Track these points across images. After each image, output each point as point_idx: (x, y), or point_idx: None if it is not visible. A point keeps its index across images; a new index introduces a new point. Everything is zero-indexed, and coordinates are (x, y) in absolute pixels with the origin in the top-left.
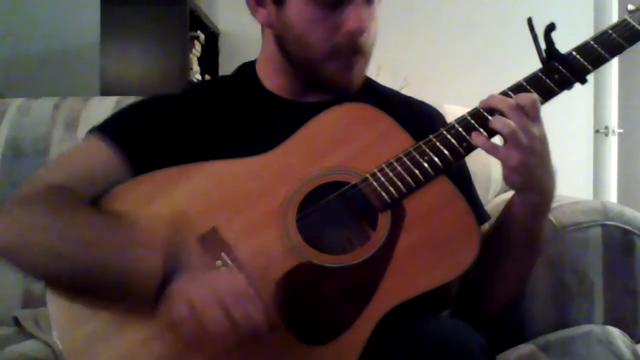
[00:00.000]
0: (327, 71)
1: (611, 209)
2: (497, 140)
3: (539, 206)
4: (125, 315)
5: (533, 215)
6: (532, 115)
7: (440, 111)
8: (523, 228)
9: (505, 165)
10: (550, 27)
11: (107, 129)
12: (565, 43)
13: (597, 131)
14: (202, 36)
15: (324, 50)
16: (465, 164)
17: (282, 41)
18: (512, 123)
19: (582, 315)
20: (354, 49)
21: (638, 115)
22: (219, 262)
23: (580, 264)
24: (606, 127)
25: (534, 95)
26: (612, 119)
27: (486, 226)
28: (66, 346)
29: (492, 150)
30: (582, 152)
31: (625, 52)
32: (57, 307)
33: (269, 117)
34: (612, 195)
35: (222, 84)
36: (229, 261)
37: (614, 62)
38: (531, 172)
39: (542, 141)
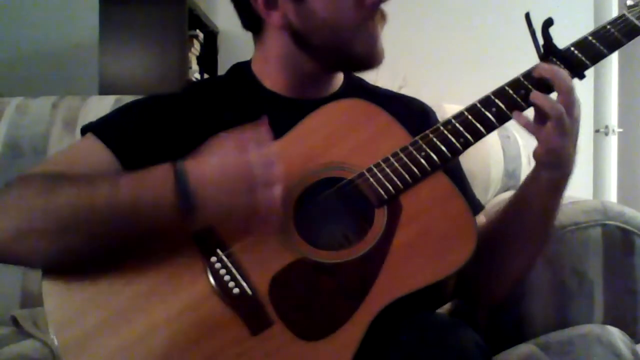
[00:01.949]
0: (357, 47)
1: (611, 209)
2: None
3: (561, 181)
4: (123, 311)
5: (554, 190)
6: (573, 99)
7: (440, 111)
8: (541, 203)
9: (543, 146)
10: (548, 23)
11: (103, 130)
12: (565, 39)
13: (597, 130)
14: (201, 35)
15: (352, 26)
16: None
17: (302, 36)
18: (561, 107)
19: (582, 315)
20: (377, 15)
21: (638, 115)
22: (214, 259)
23: (580, 264)
24: (606, 127)
25: (570, 82)
26: (612, 118)
27: (481, 216)
28: (62, 344)
29: (535, 130)
30: (582, 151)
31: (625, 51)
32: (53, 304)
33: (272, 116)
34: (612, 195)
35: (220, 85)
36: (224, 257)
37: (614, 61)
38: (565, 152)
39: (579, 122)
